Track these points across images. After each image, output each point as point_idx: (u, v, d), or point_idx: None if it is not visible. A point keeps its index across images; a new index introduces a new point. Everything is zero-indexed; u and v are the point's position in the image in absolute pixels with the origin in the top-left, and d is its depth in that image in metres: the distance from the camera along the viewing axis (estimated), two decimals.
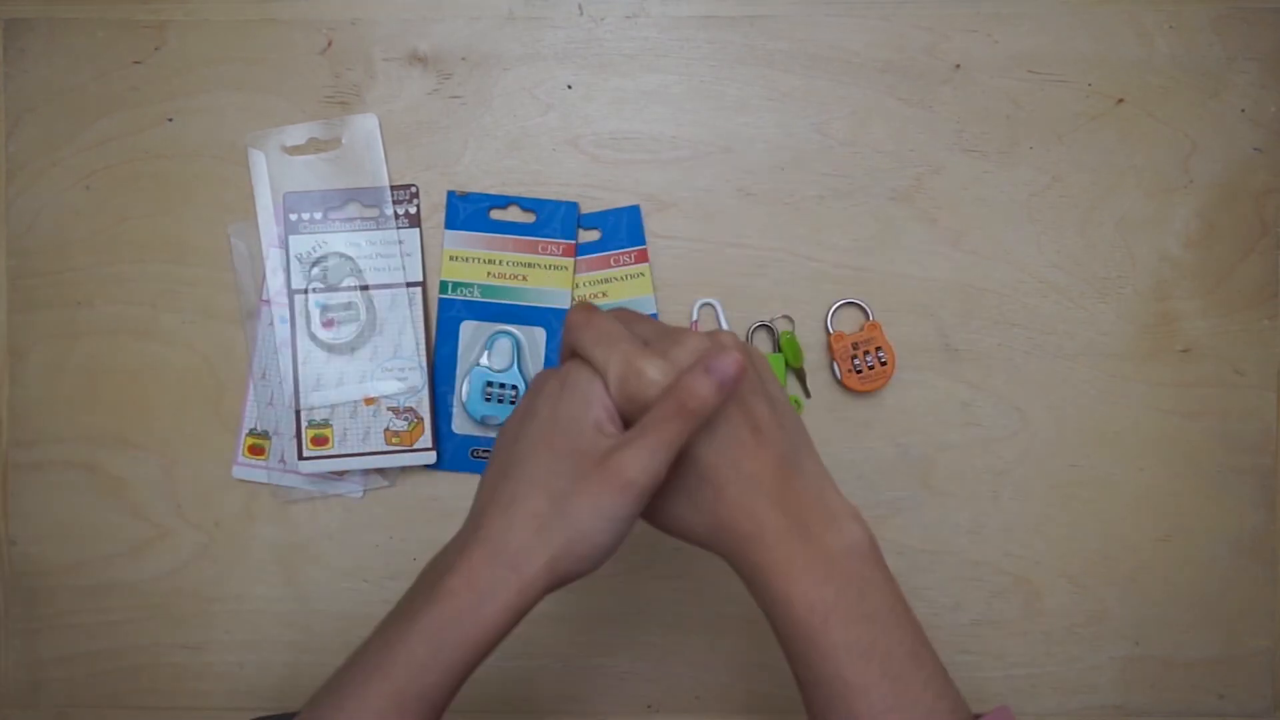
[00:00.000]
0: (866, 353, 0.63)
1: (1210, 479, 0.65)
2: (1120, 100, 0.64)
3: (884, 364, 0.63)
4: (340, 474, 0.64)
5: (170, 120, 0.64)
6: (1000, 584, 0.65)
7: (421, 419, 0.64)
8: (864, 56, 0.64)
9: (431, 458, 0.64)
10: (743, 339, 0.64)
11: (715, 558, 0.65)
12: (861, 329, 0.63)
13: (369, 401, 0.63)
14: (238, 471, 0.64)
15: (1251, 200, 0.65)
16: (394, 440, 0.63)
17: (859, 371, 0.63)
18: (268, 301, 0.64)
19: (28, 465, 0.65)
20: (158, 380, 0.64)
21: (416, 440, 0.64)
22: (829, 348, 0.64)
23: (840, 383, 0.64)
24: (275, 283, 0.63)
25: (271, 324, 0.64)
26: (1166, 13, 0.64)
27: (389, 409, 0.63)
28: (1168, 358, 0.65)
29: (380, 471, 0.64)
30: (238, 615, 0.65)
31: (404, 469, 0.64)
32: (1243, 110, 0.64)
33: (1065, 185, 0.65)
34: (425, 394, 0.64)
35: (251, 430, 0.64)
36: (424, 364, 0.64)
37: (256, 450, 0.64)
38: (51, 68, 0.64)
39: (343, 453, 0.63)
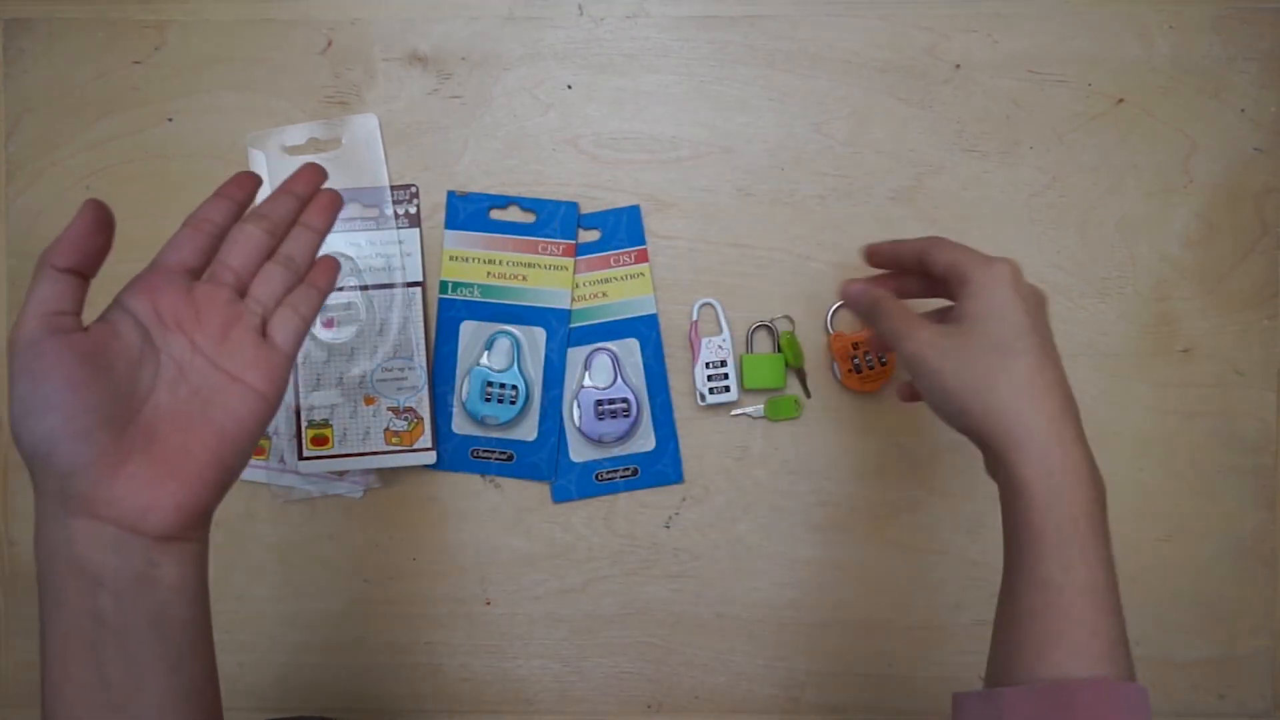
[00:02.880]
0: (866, 353, 0.63)
1: (1210, 479, 0.65)
2: (1120, 100, 0.64)
3: (884, 364, 0.63)
4: (340, 474, 0.64)
5: (170, 120, 0.64)
6: (1000, 584, 0.65)
7: (421, 419, 0.64)
8: (864, 56, 0.64)
9: (431, 458, 0.64)
10: (742, 339, 0.64)
11: (713, 558, 0.65)
12: (861, 329, 0.63)
13: (369, 401, 0.63)
14: None
15: (1251, 200, 0.65)
16: (394, 440, 0.63)
17: (859, 371, 0.63)
18: None
19: None
20: None
21: (416, 440, 0.64)
22: (829, 348, 0.64)
23: (840, 382, 0.64)
24: None
25: None
26: (1166, 13, 0.64)
27: (389, 409, 0.63)
28: (1168, 358, 0.65)
29: (378, 472, 0.64)
30: (238, 615, 0.65)
31: (404, 469, 0.64)
32: (1243, 110, 0.64)
33: (1065, 185, 0.65)
34: (425, 394, 0.64)
35: None
36: (424, 364, 0.64)
37: (256, 450, 0.64)
38: (51, 68, 0.64)
39: (343, 453, 0.63)
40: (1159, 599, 0.65)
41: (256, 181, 0.48)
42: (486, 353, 0.64)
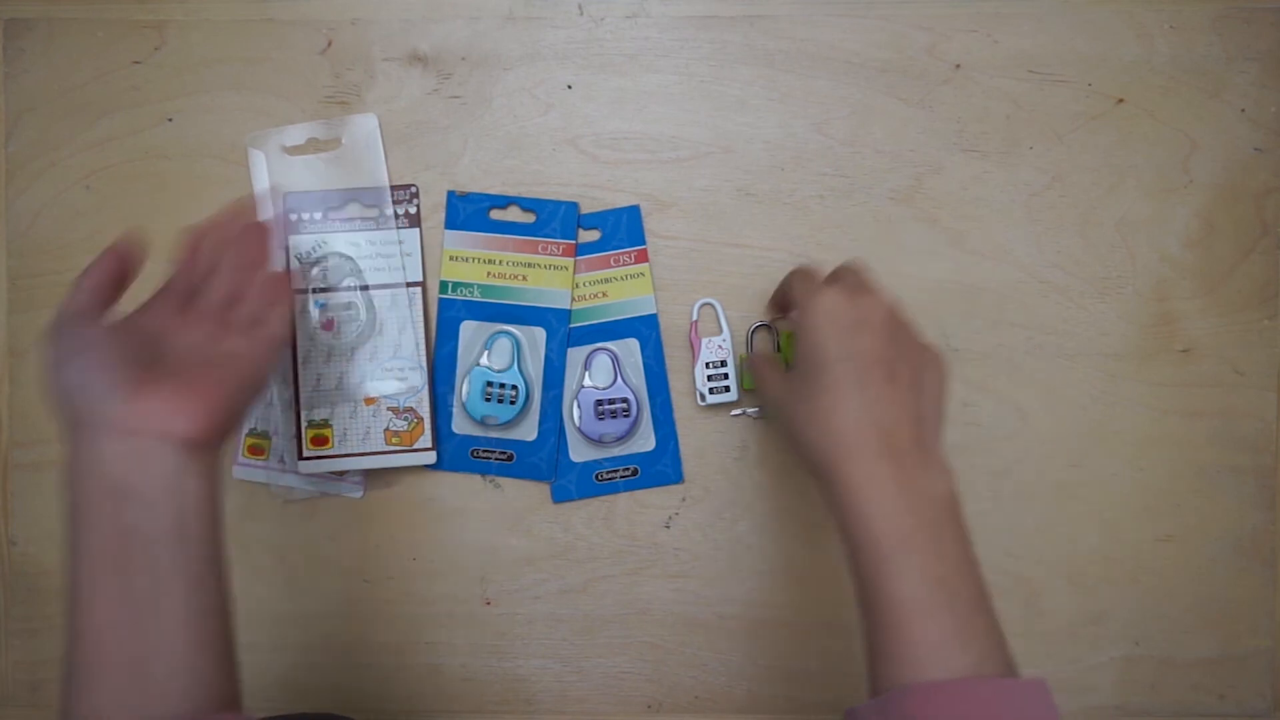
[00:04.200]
0: None
1: (1210, 479, 0.65)
2: (1120, 100, 0.65)
3: None
4: (340, 474, 0.64)
5: (170, 120, 0.64)
6: (1000, 584, 0.64)
7: (421, 419, 0.63)
8: (864, 56, 0.64)
9: (431, 458, 0.64)
10: (742, 339, 0.64)
11: (713, 558, 0.65)
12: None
13: (369, 401, 0.63)
14: (238, 472, 0.64)
15: (1251, 200, 0.65)
16: (394, 440, 0.63)
17: None
18: None
19: (28, 465, 0.65)
20: None
21: (416, 440, 0.64)
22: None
23: None
24: None
25: None
26: (1166, 13, 0.64)
27: (389, 409, 0.63)
28: (1168, 358, 0.65)
29: (369, 474, 0.64)
30: (238, 615, 0.65)
31: (404, 469, 0.64)
32: (1243, 110, 0.65)
33: (1065, 185, 0.65)
34: (425, 394, 0.64)
35: (251, 430, 0.64)
36: (424, 364, 0.64)
37: (256, 450, 0.64)
38: (51, 68, 0.64)
39: (343, 453, 0.63)
40: (1159, 599, 0.65)
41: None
42: (486, 353, 0.64)
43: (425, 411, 0.63)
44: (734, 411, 0.64)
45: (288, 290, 0.56)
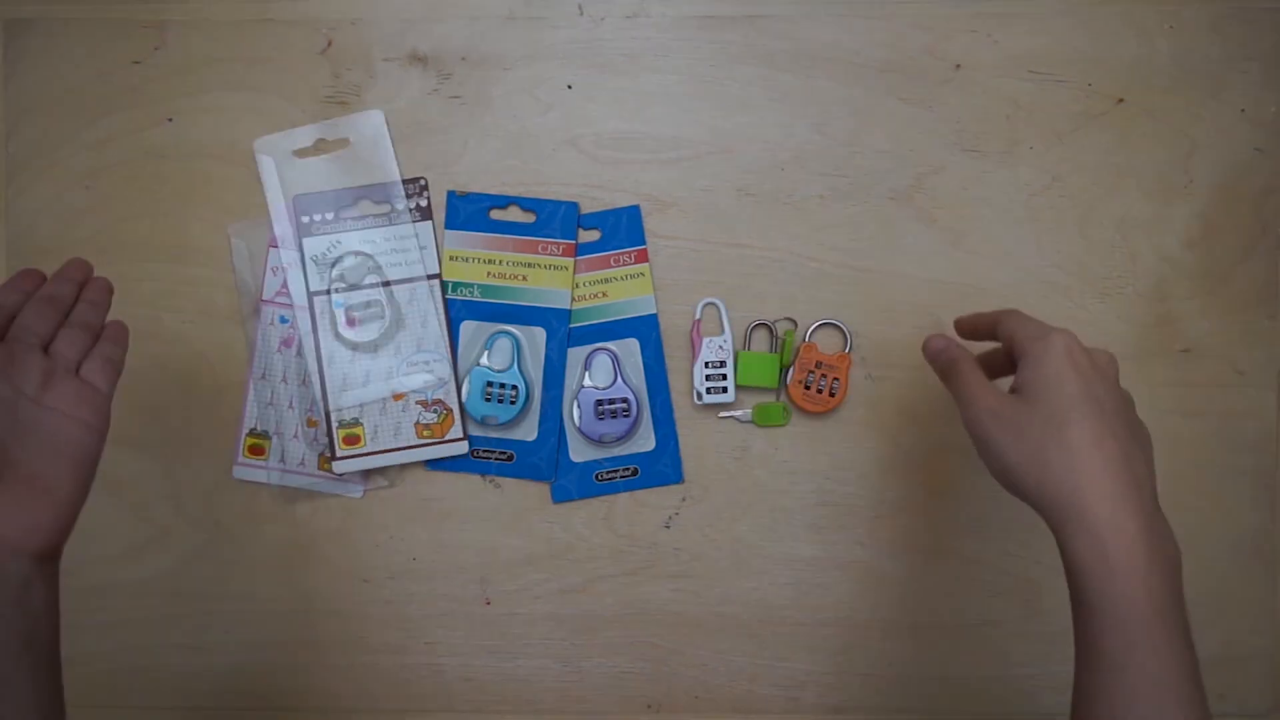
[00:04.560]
0: (824, 376, 0.63)
1: (1210, 479, 0.65)
2: (1120, 100, 0.64)
3: (833, 395, 0.63)
4: (367, 472, 0.64)
5: (170, 120, 0.64)
6: (1000, 584, 0.65)
7: (450, 410, 0.64)
8: (864, 56, 0.64)
9: (464, 447, 0.64)
10: (742, 338, 0.64)
11: (713, 558, 0.65)
12: (834, 355, 0.63)
13: (398, 397, 0.63)
14: (238, 471, 0.64)
15: (1251, 200, 0.65)
16: (425, 433, 0.63)
17: (807, 388, 0.63)
18: (268, 301, 0.64)
19: None
20: (158, 380, 0.64)
21: (448, 431, 0.64)
22: (797, 353, 0.64)
23: (787, 388, 0.64)
24: (295, 286, 0.63)
25: (272, 324, 0.64)
26: (1166, 13, 0.64)
27: (418, 402, 0.63)
28: (1168, 358, 0.65)
29: (380, 471, 0.64)
30: (238, 615, 0.65)
31: (404, 469, 0.64)
32: (1243, 110, 0.64)
33: (1065, 185, 0.65)
34: (453, 384, 0.64)
35: (251, 430, 0.64)
36: (449, 355, 0.64)
37: (256, 450, 0.64)
38: (51, 68, 0.64)
39: (375, 450, 0.63)
40: None
41: (40, 277, 0.52)
42: (486, 353, 0.64)
43: (454, 402, 0.63)
44: (722, 414, 0.64)
45: (126, 343, 0.52)
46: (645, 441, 0.64)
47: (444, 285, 0.64)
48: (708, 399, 0.63)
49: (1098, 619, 0.43)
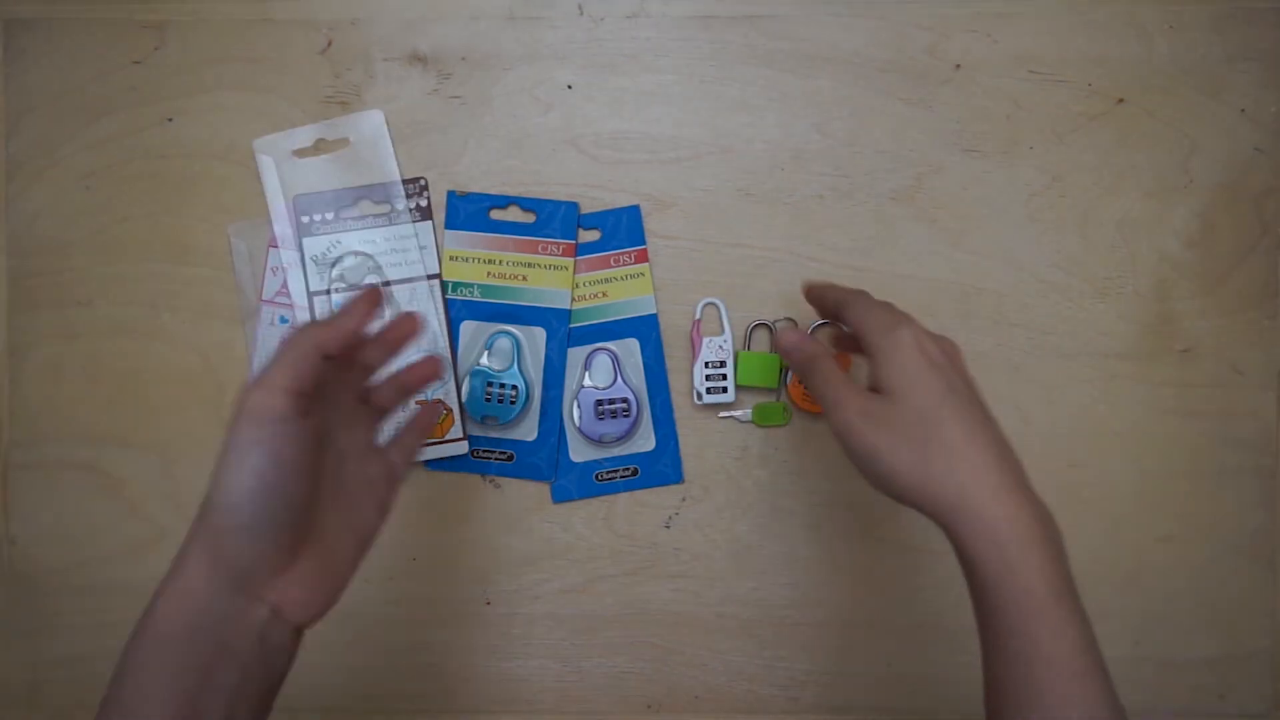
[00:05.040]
0: None
1: (1210, 479, 0.65)
2: (1120, 100, 0.65)
3: None
4: None
5: (170, 120, 0.64)
6: None
7: (450, 410, 0.64)
8: (864, 56, 0.64)
9: (464, 447, 0.64)
10: (742, 338, 0.64)
11: (713, 558, 0.65)
12: (834, 355, 0.63)
13: None
14: None
15: (1251, 200, 0.65)
16: None
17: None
18: (268, 301, 0.64)
19: (28, 465, 0.65)
20: (158, 380, 0.64)
21: (448, 431, 0.64)
22: None
23: (788, 388, 0.64)
24: (295, 286, 0.63)
25: (272, 324, 0.64)
26: (1166, 13, 0.64)
27: (417, 402, 0.63)
28: (1168, 358, 0.65)
29: None
30: None
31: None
32: (1243, 110, 0.65)
33: (1065, 185, 0.65)
34: (453, 385, 0.64)
35: None
36: (449, 355, 0.64)
37: None
38: (51, 68, 0.64)
39: None
40: (1159, 599, 0.65)
41: (380, 297, 0.49)
42: (486, 353, 0.64)
43: (454, 402, 0.63)
44: (722, 414, 0.64)
45: (434, 420, 0.52)
46: (645, 441, 0.64)
47: (444, 285, 0.64)
48: (708, 399, 0.63)
49: (1000, 615, 0.43)
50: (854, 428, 0.46)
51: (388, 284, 0.64)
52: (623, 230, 0.64)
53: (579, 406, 0.64)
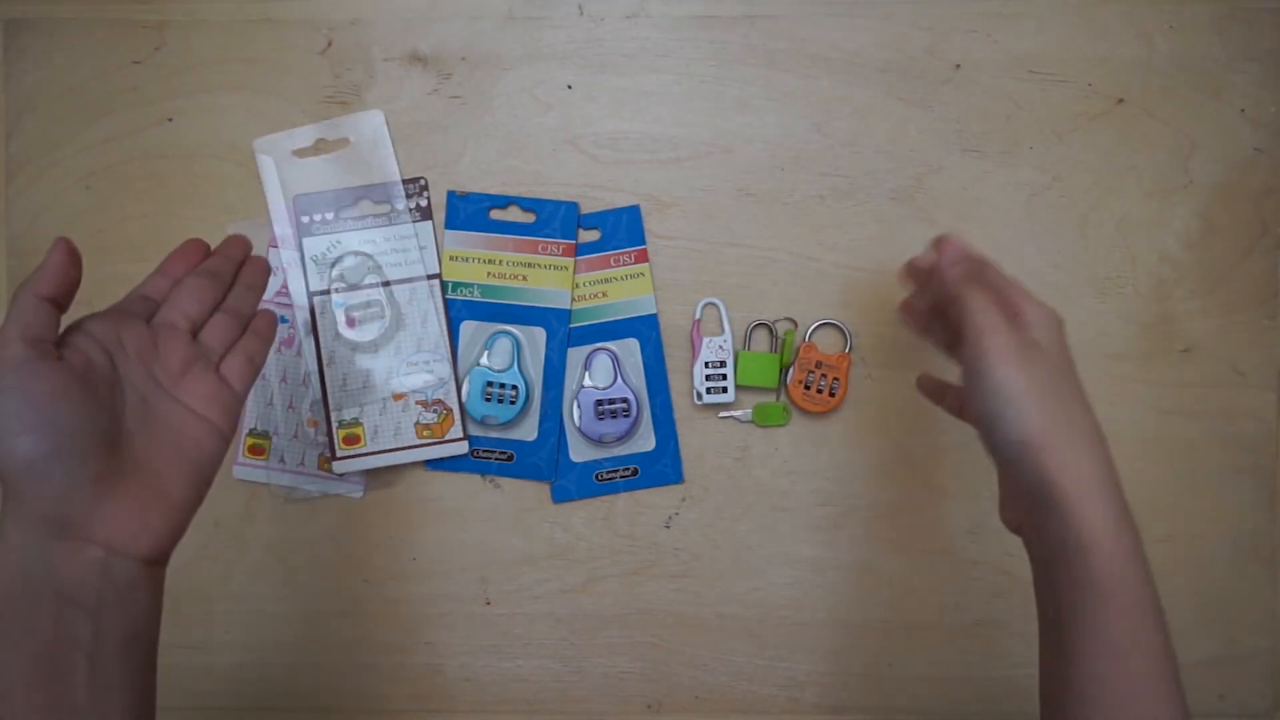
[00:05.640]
0: (824, 376, 0.63)
1: (1210, 479, 0.65)
2: (1120, 100, 0.64)
3: (833, 395, 0.63)
4: (367, 472, 0.64)
5: (170, 120, 0.64)
6: (1000, 584, 0.65)
7: (450, 410, 0.64)
8: (864, 56, 0.64)
9: (464, 447, 0.64)
10: (742, 338, 0.64)
11: (713, 558, 0.65)
12: (834, 355, 0.63)
13: (398, 397, 0.63)
14: (238, 471, 0.64)
15: (1251, 200, 0.65)
16: (425, 433, 0.63)
17: (807, 388, 0.63)
18: (268, 301, 0.64)
19: None
20: None
21: (447, 431, 0.64)
22: (797, 353, 0.64)
23: (787, 388, 0.64)
24: (295, 286, 0.63)
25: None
26: (1166, 13, 0.64)
27: (418, 403, 0.63)
28: (1168, 358, 0.65)
29: (380, 471, 0.64)
30: (238, 615, 0.65)
31: (404, 469, 0.64)
32: (1243, 110, 0.64)
33: (1065, 185, 0.65)
34: (452, 384, 0.64)
35: (251, 430, 0.64)
36: (449, 355, 0.64)
37: (256, 450, 0.64)
38: (51, 68, 0.64)
39: (375, 450, 0.63)
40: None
41: (205, 249, 0.50)
42: (486, 353, 0.64)
43: (454, 402, 0.63)
44: (722, 414, 0.64)
45: (272, 337, 0.51)
46: (645, 441, 0.64)
47: (444, 285, 0.64)
48: (708, 399, 0.63)
49: (1105, 605, 0.41)
50: (1005, 358, 0.43)
51: (388, 284, 0.64)
52: (623, 230, 0.64)
53: (579, 406, 0.64)
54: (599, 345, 0.64)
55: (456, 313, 0.64)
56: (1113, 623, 0.41)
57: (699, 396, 0.63)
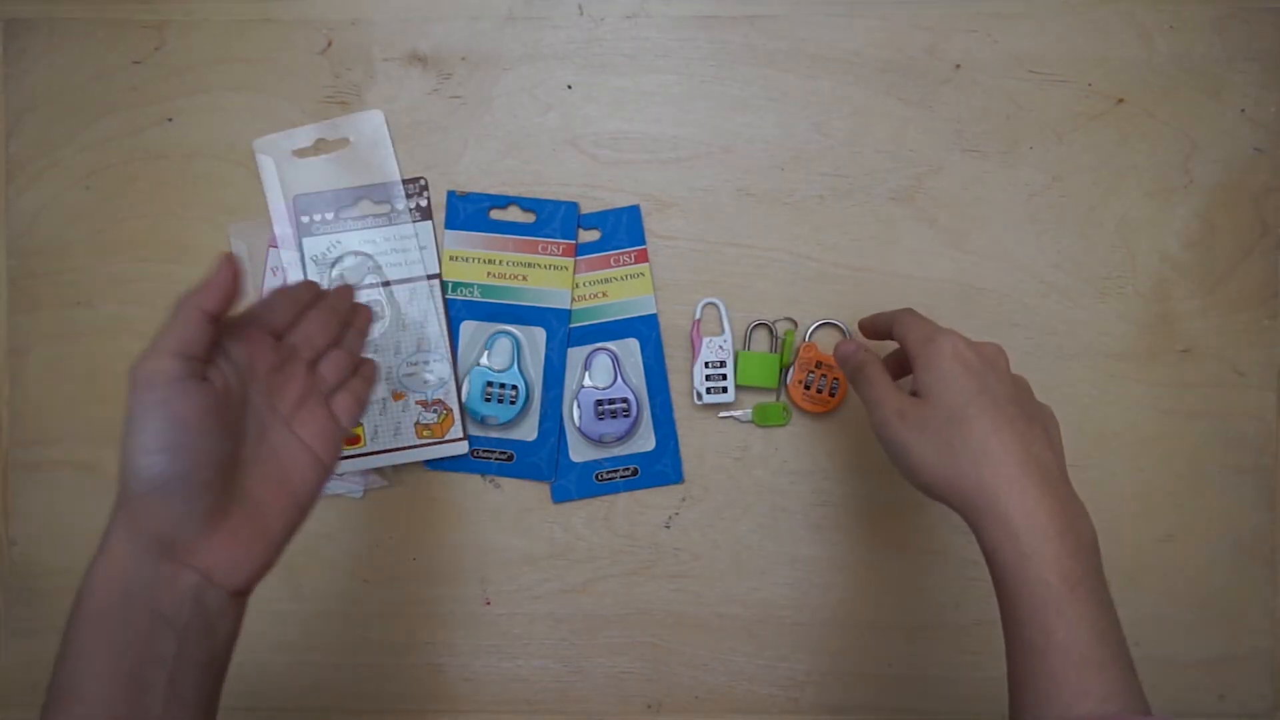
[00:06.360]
0: (824, 376, 0.63)
1: (1210, 479, 0.65)
2: (1120, 100, 0.65)
3: (833, 395, 0.63)
4: (367, 472, 0.64)
5: (170, 120, 0.64)
6: None
7: (450, 410, 0.64)
8: (864, 56, 0.64)
9: (464, 447, 0.64)
10: (742, 338, 0.64)
11: (713, 558, 0.65)
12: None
13: (397, 397, 0.64)
14: None
15: (1251, 200, 0.65)
16: (425, 433, 0.64)
17: (808, 388, 0.63)
18: None
19: (28, 465, 0.65)
20: None
21: (447, 431, 0.64)
22: (797, 353, 0.64)
23: (787, 388, 0.64)
24: None
25: None
26: (1166, 13, 0.64)
27: (418, 402, 0.64)
28: (1168, 358, 0.65)
29: (379, 471, 0.64)
30: None
31: (403, 469, 0.64)
32: (1243, 110, 0.64)
33: (1065, 185, 0.65)
34: (452, 384, 0.64)
35: None
36: (449, 355, 0.64)
37: None
38: (51, 68, 0.64)
39: (375, 450, 0.63)
40: (1159, 599, 0.65)
41: (319, 288, 0.52)
42: (486, 353, 0.64)
43: (454, 402, 0.64)
44: (722, 414, 0.64)
45: (375, 383, 0.52)
46: (645, 441, 0.64)
47: (444, 285, 0.64)
48: (708, 399, 0.63)
49: (1015, 605, 0.45)
50: (889, 424, 0.50)
51: (388, 284, 0.64)
52: (623, 230, 0.64)
53: (579, 406, 0.64)
54: (599, 345, 0.64)
55: (456, 313, 0.64)
56: (1023, 624, 0.44)
57: (699, 396, 0.63)
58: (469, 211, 0.64)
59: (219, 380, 0.42)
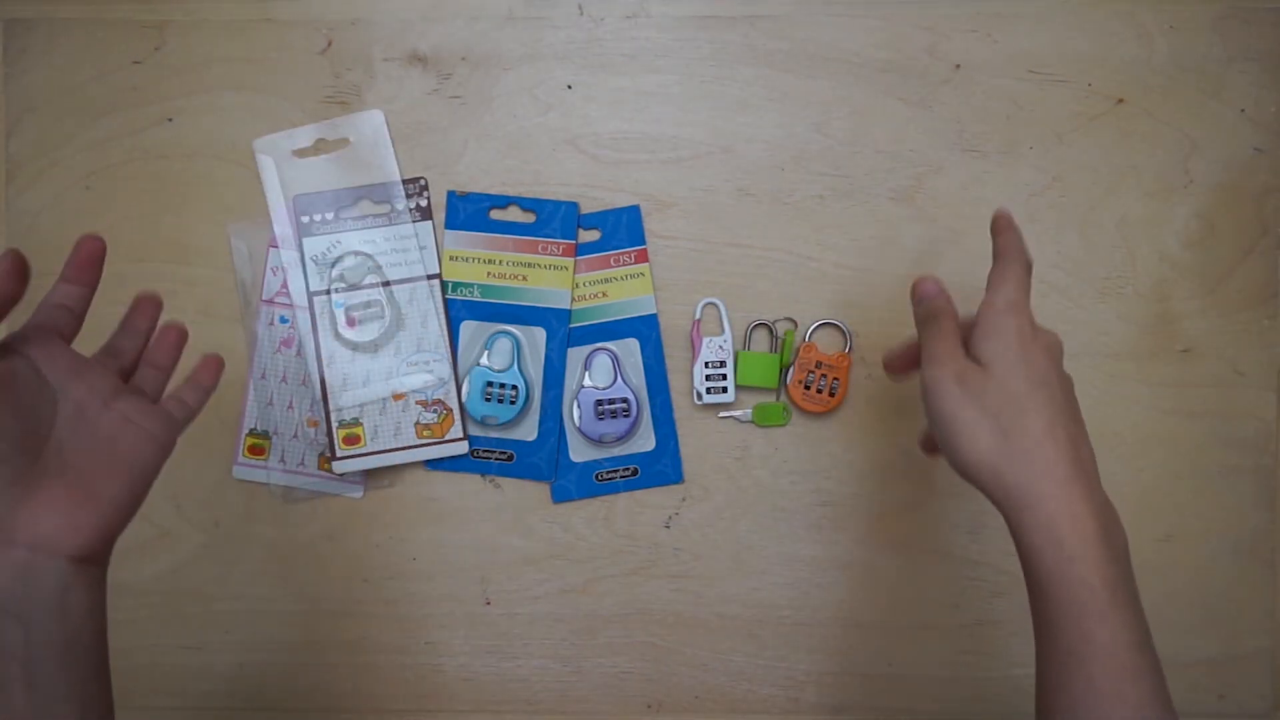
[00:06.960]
0: (824, 376, 0.63)
1: (1210, 479, 0.65)
2: (1120, 100, 0.65)
3: (833, 395, 0.63)
4: (367, 472, 0.64)
5: (170, 120, 0.64)
6: (1000, 584, 0.65)
7: (450, 410, 0.64)
8: (864, 56, 0.64)
9: (464, 447, 0.64)
10: (742, 338, 0.64)
11: (713, 558, 0.65)
12: (834, 355, 0.63)
13: (398, 397, 0.64)
14: (238, 471, 0.64)
15: (1251, 200, 0.65)
16: (425, 433, 0.64)
17: (807, 388, 0.63)
18: (268, 301, 0.64)
19: None
20: None
21: (447, 431, 0.64)
22: (796, 353, 0.64)
23: (787, 388, 0.64)
24: (295, 286, 0.63)
25: (272, 324, 0.64)
26: (1166, 13, 0.64)
27: (418, 403, 0.64)
28: (1168, 358, 0.65)
29: (380, 471, 0.64)
30: (238, 615, 0.65)
31: (403, 469, 0.64)
32: (1243, 110, 0.64)
33: (1065, 185, 0.65)
34: (452, 384, 0.64)
35: (251, 430, 0.64)
36: (449, 355, 0.64)
37: (256, 450, 0.64)
38: (51, 68, 0.64)
39: (375, 450, 0.63)
40: (1159, 599, 0.65)
41: (158, 304, 0.51)
42: (486, 353, 0.64)
43: (454, 402, 0.64)
44: (722, 414, 0.64)
45: (212, 388, 0.52)
46: (645, 441, 0.64)
47: (444, 285, 0.64)
48: (708, 399, 0.63)
49: (1055, 608, 0.43)
50: (945, 387, 0.46)
51: (388, 284, 0.64)
52: (623, 230, 0.64)
53: (579, 406, 0.64)
54: (599, 345, 0.64)
55: (456, 313, 0.64)
56: (1063, 630, 0.43)
57: (699, 396, 0.63)
58: (469, 211, 0.64)
59: (4, 366, 0.42)
